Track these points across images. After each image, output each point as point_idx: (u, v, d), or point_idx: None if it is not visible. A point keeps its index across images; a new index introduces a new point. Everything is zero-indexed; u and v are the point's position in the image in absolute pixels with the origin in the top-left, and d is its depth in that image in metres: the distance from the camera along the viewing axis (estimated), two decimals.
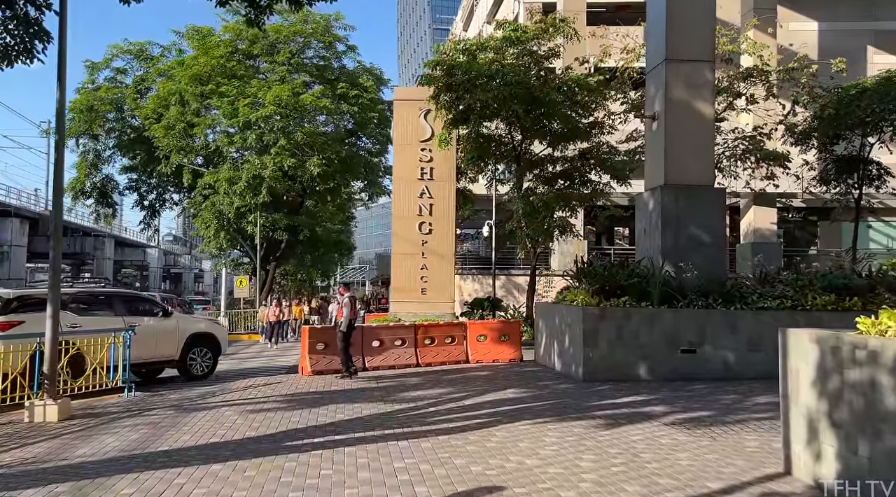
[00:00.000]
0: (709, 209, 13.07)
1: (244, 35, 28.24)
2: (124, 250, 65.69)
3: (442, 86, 17.99)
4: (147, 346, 11.94)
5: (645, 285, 12.02)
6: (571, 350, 12.07)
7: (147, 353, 11.99)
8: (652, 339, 11.46)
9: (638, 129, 21.37)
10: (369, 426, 7.83)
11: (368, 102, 29.22)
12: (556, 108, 18.09)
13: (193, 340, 12.89)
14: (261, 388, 11.16)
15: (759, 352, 11.44)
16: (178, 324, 12.88)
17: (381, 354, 13.51)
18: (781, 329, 5.95)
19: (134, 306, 12.54)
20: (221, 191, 26.09)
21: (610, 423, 7.89)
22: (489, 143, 19.99)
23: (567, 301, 13.09)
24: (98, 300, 12.21)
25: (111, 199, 31.67)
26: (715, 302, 11.77)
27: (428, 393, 10.34)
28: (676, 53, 13.21)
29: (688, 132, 13.19)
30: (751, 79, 19.56)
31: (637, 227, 14.19)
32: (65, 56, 8.80)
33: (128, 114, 30.17)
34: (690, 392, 10.11)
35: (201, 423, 8.09)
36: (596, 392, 10.22)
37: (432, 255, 20.93)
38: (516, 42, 18.90)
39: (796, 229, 32.35)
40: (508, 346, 14.65)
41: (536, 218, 18.89)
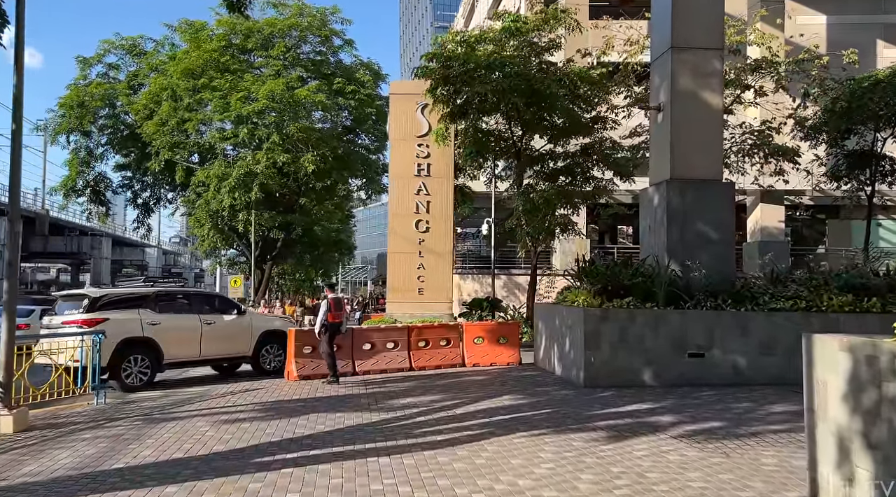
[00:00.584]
0: (717, 204, 12.39)
1: (238, 29, 27.60)
2: (123, 250, 65.21)
3: (439, 78, 17.32)
4: (223, 342, 12.88)
5: (650, 285, 11.35)
6: (572, 354, 11.41)
7: (223, 349, 12.95)
8: (657, 343, 10.80)
9: (642, 124, 20.72)
10: (350, 439, 7.18)
11: (366, 98, 28.55)
12: (557, 101, 17.44)
13: (265, 338, 13.51)
14: (241, 394, 10.51)
15: (771, 356, 10.77)
16: (252, 321, 13.53)
17: (372, 358, 12.86)
18: (805, 334, 5.27)
19: (210, 305, 13.46)
20: (212, 187, 25.43)
21: (612, 436, 7.23)
22: (488, 138, 19.34)
23: (568, 302, 12.42)
24: (176, 299, 13.14)
25: (104, 197, 31.06)
26: (724, 303, 11.09)
27: (418, 400, 9.68)
28: (683, 41, 12.53)
29: (695, 124, 12.51)
30: (760, 70, 18.85)
31: (641, 224, 13.51)
32: (22, 40, 8.16)
33: (120, 110, 29.54)
34: (699, 399, 9.44)
35: (168, 436, 7.45)
36: (598, 399, 9.55)
37: (430, 254, 20.24)
38: (516, 33, 18.23)
39: (804, 228, 31.62)
40: (506, 348, 13.98)
41: (537, 215, 18.25)
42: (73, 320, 11.29)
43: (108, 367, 10.99)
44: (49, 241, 50.53)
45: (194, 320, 12.52)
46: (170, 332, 12.05)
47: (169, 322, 12.10)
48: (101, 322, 11.09)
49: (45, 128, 29.86)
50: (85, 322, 11.07)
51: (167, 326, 12.02)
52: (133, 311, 11.86)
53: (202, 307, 13.07)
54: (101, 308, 11.50)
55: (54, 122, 29.19)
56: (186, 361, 12.79)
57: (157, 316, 12.03)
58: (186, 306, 12.89)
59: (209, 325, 12.65)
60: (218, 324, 12.79)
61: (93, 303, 11.55)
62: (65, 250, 52.50)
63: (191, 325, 12.41)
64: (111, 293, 12.50)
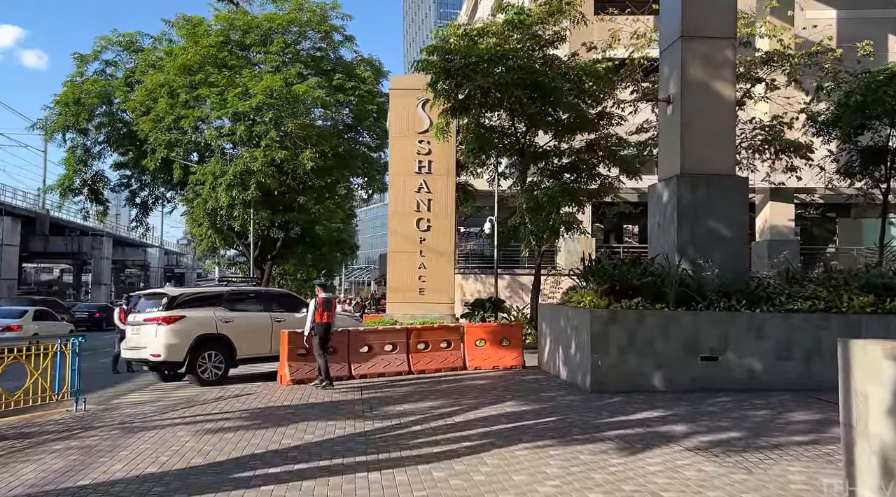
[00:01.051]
0: (730, 200, 11.83)
1: (237, 24, 27.09)
2: (125, 250, 64.78)
3: (439, 72, 16.76)
4: None
5: (659, 285, 10.80)
6: (578, 357, 10.87)
7: None
8: (668, 345, 10.24)
9: (649, 119, 20.14)
10: (339, 451, 6.66)
11: (366, 94, 28.01)
12: (561, 96, 16.89)
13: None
14: (230, 400, 10.00)
15: (788, 360, 10.21)
16: None
17: (369, 361, 12.33)
18: (842, 341, 4.73)
19: (280, 303, 13.86)
20: (208, 185, 24.91)
21: (623, 448, 6.69)
22: (491, 134, 18.76)
23: (573, 302, 11.86)
24: (249, 297, 13.57)
25: (102, 195, 30.59)
26: (738, 303, 10.52)
27: (415, 407, 9.15)
28: (694, 29, 11.97)
29: (706, 116, 11.96)
30: (771, 63, 18.24)
31: (650, 221, 12.95)
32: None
33: (117, 107, 29.05)
34: (713, 406, 8.89)
35: (144, 447, 6.94)
36: (606, 406, 9.01)
37: (431, 254, 19.74)
38: (519, 26, 17.68)
39: (814, 226, 30.98)
40: (509, 351, 13.43)
41: (541, 214, 17.68)
42: (153, 317, 12.10)
43: (185, 362, 11.95)
44: (49, 241, 50.17)
45: (265, 318, 13.08)
46: (242, 328, 12.58)
47: (241, 319, 12.69)
48: (178, 319, 11.93)
49: (42, 126, 29.29)
50: (164, 319, 11.92)
51: (239, 323, 12.58)
52: (208, 309, 12.51)
53: (272, 305, 13.59)
54: (179, 306, 12.22)
55: (51, 119, 28.70)
56: (257, 357, 13.09)
57: (230, 313, 12.62)
58: (257, 304, 13.46)
59: (279, 322, 13.03)
60: (287, 321, 13.10)
61: (171, 301, 12.29)
62: (65, 250, 52.09)
63: (261, 322, 12.93)
64: (187, 292, 13.17)
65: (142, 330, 12.30)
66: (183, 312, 12.09)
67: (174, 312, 12.03)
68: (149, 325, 12.08)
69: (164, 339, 11.84)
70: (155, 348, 11.93)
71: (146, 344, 12.16)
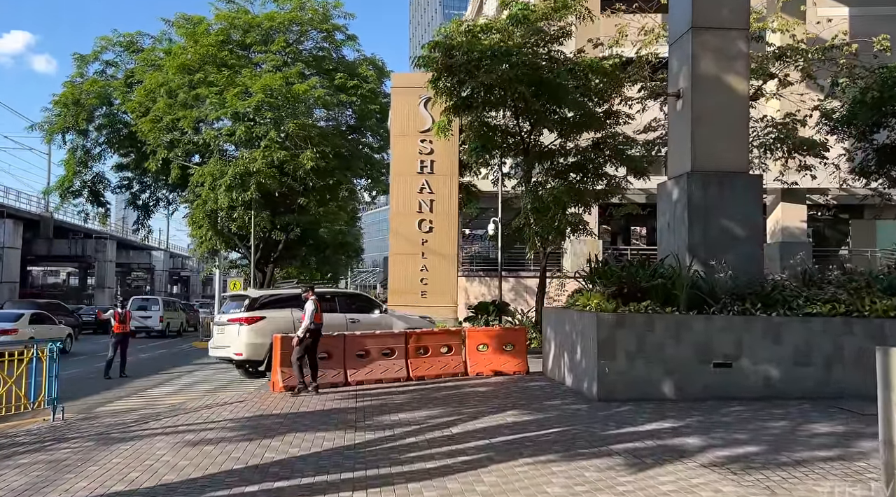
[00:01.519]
0: (743, 199, 11.29)
1: (237, 24, 26.70)
2: (129, 253, 64.51)
3: (441, 68, 16.28)
4: None
5: (670, 287, 10.25)
6: (584, 363, 10.34)
7: None
8: (679, 351, 9.70)
9: (657, 117, 19.62)
10: (324, 467, 6.16)
11: (369, 93, 27.56)
12: (566, 93, 16.39)
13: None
14: (217, 408, 9.52)
15: (807, 366, 9.65)
16: (394, 320, 14.25)
17: (366, 367, 11.84)
18: (882, 349, 4.20)
19: (354, 304, 14.37)
20: (207, 186, 24.49)
21: (632, 464, 6.17)
22: (494, 132, 18.26)
23: (579, 306, 11.32)
24: (324, 299, 13.23)
25: (103, 198, 30.27)
26: (753, 307, 9.96)
27: (411, 416, 8.65)
28: (705, 20, 11.45)
29: (718, 111, 11.44)
30: (784, 59, 17.67)
31: (659, 220, 12.41)
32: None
33: (117, 108, 28.69)
34: (728, 417, 8.34)
35: (117, 461, 6.46)
36: (613, 416, 8.48)
37: (433, 255, 19.28)
38: (523, 21, 17.17)
39: (826, 228, 30.33)
40: (513, 356, 12.91)
41: (546, 214, 17.15)
42: (236, 318, 12.89)
43: (265, 360, 12.59)
44: (53, 244, 49.92)
45: (340, 318, 13.39)
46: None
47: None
48: (259, 320, 12.66)
49: (41, 127, 28.94)
50: (245, 320, 12.69)
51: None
52: (286, 310, 12.98)
53: (347, 306, 14.08)
54: (259, 307, 12.98)
55: (50, 120, 28.37)
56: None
57: None
58: (333, 305, 13.63)
59: (354, 323, 13.50)
60: (361, 321, 13.66)
61: (252, 302, 13.08)
62: (69, 253, 51.83)
63: (337, 322, 13.10)
64: (267, 294, 13.90)
65: (226, 330, 13.16)
66: (263, 313, 12.79)
67: (255, 313, 12.75)
68: (232, 326, 12.92)
69: (245, 338, 12.65)
70: (237, 347, 12.81)
71: (229, 343, 13.00)
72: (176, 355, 22.01)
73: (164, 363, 18.70)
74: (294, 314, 12.66)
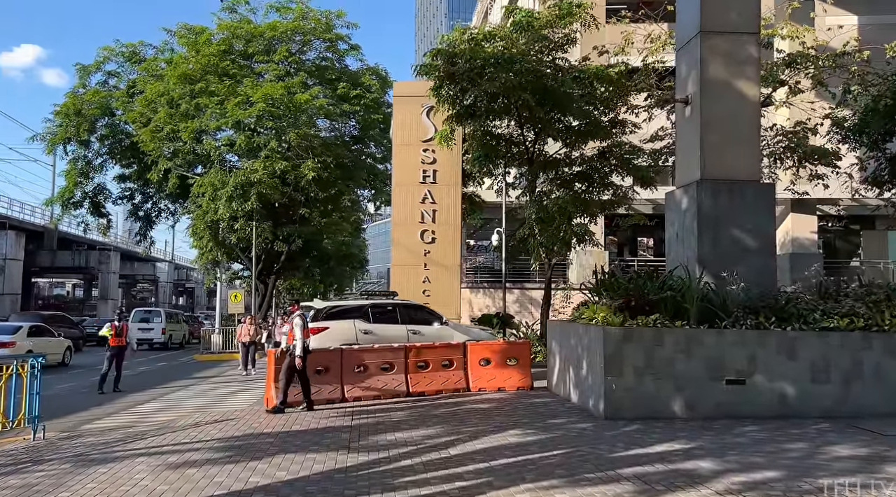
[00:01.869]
0: (755, 208, 10.90)
1: (239, 33, 26.52)
2: (134, 264, 64.34)
3: (443, 76, 15.96)
4: None
5: (679, 300, 9.83)
6: (590, 379, 9.91)
7: None
8: (689, 367, 9.27)
9: (664, 126, 19.24)
10: (312, 493, 5.76)
11: (372, 103, 27.29)
12: (571, 101, 16.06)
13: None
14: (206, 427, 9.12)
15: (825, 383, 9.20)
16: (454, 332, 14.19)
17: (363, 382, 11.43)
18: None
19: (415, 316, 14.35)
20: (207, 196, 24.21)
21: (642, 490, 5.74)
22: (498, 142, 17.91)
23: (585, 319, 10.90)
24: (386, 310, 14.10)
25: (104, 208, 30.03)
26: (767, 320, 9.53)
27: (408, 436, 8.23)
28: (713, 24, 11.12)
29: (728, 117, 11.07)
30: (794, 65, 17.29)
31: (668, 231, 12.00)
32: None
33: (119, 119, 28.52)
34: (742, 437, 7.90)
35: (92, 486, 6.07)
36: (621, 436, 8.04)
37: (436, 267, 18.88)
38: (528, 28, 16.87)
39: (836, 239, 29.79)
40: (516, 371, 12.48)
41: (551, 225, 16.76)
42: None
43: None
44: (57, 255, 49.79)
45: (401, 330, 13.64)
46: (380, 339, 13.04)
47: (379, 330, 13.39)
48: (323, 330, 12.82)
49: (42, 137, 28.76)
50: (312, 330, 12.31)
51: (377, 334, 13.28)
52: (349, 321, 13.38)
53: (408, 317, 14.14)
54: (325, 318, 13.24)
55: (51, 131, 28.21)
56: None
57: (369, 325, 13.46)
58: (394, 316, 14.01)
59: (415, 334, 13.68)
60: (422, 333, 13.75)
61: (317, 313, 13.31)
62: (72, 265, 51.68)
63: (398, 333, 13.42)
64: (332, 305, 14.16)
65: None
66: (327, 324, 13.02)
67: (319, 324, 12.90)
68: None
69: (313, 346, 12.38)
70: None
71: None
72: (175, 368, 21.66)
73: (161, 377, 18.34)
74: (356, 325, 13.30)
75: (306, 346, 10.17)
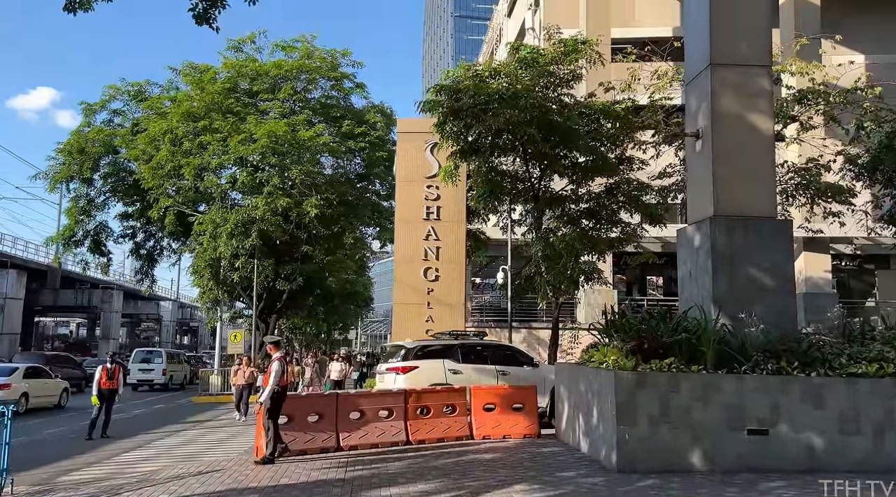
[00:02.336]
0: (772, 246, 10.40)
1: (245, 71, 26.55)
2: (137, 303, 63.91)
3: (447, 112, 15.68)
4: None
5: (695, 342, 9.25)
6: (601, 428, 9.28)
7: None
8: (708, 416, 8.65)
9: (672, 163, 18.86)
10: None
11: (377, 141, 27.14)
12: (578, 138, 15.74)
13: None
14: (189, 479, 8.50)
15: (855, 434, 8.55)
16: (546, 374, 13.63)
17: (360, 429, 10.79)
18: None
19: (505, 357, 14.08)
20: (208, 234, 23.85)
21: None
22: (503, 178, 17.55)
23: (594, 362, 10.31)
24: (476, 350, 13.96)
25: (104, 247, 29.74)
26: (790, 365, 8.92)
27: (405, 491, 7.60)
28: (723, 56, 10.80)
29: (741, 151, 10.68)
30: (805, 101, 16.96)
31: (680, 269, 11.48)
32: None
33: (123, 157, 28.44)
34: (769, 494, 7.25)
35: None
36: (635, 493, 7.40)
37: (439, 305, 18.34)
38: (532, 64, 16.65)
39: (850, 279, 29.12)
40: (523, 417, 11.84)
41: (558, 262, 16.25)
42: (393, 367, 13.26)
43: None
44: (59, 294, 49.50)
45: (490, 370, 13.42)
46: (469, 380, 12.80)
47: (468, 371, 13.16)
48: (412, 369, 12.89)
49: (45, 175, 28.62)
50: (401, 369, 12.97)
51: (466, 375, 13.04)
52: (439, 361, 13.24)
53: (498, 358, 13.86)
54: (414, 357, 13.21)
55: (54, 169, 28.13)
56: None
57: (458, 365, 13.24)
58: (484, 357, 13.78)
59: (504, 375, 13.38)
60: (512, 374, 13.42)
61: (407, 353, 13.35)
62: (75, 303, 51.35)
63: (486, 374, 13.30)
64: (422, 344, 14.03)
65: (384, 378, 13.48)
66: (417, 363, 13.01)
67: (409, 363, 13.01)
68: (389, 375, 13.23)
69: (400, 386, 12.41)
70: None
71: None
72: (171, 411, 21.03)
73: (154, 421, 17.71)
74: (445, 365, 13.18)
75: (276, 392, 9.58)
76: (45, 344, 66.85)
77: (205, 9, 9.14)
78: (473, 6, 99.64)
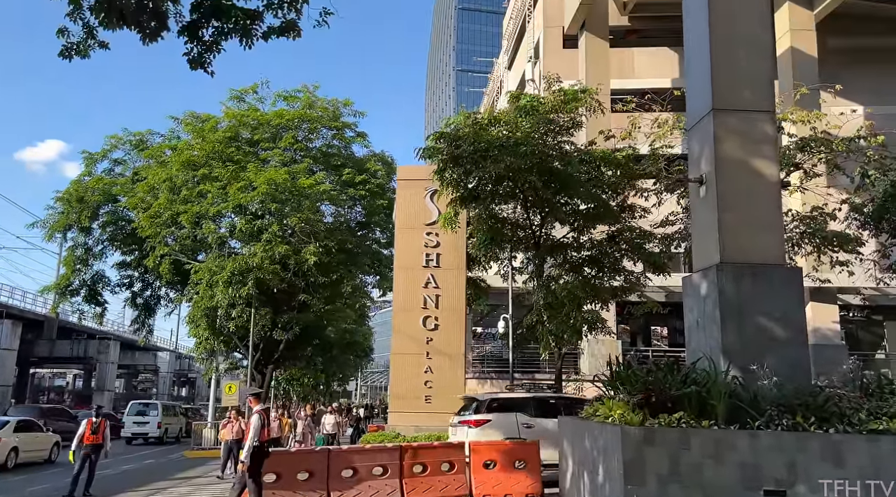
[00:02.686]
0: (782, 295, 10.00)
1: (246, 120, 26.71)
2: (135, 354, 63.00)
3: (446, 158, 15.60)
4: None
5: (705, 396, 8.77)
6: (607, 487, 8.73)
7: None
8: (721, 475, 8.10)
9: (674, 211, 18.65)
10: None
11: (377, 189, 27.11)
12: (578, 184, 15.61)
13: None
14: None
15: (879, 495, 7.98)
16: None
17: (353, 488, 10.26)
18: None
19: (575, 410, 13.49)
20: (204, 282, 23.54)
21: None
22: (503, 225, 17.34)
23: (600, 416, 9.80)
24: (548, 404, 14.10)
25: (100, 297, 29.40)
26: (806, 420, 8.43)
27: None
28: (726, 102, 10.62)
29: (746, 198, 10.39)
30: (808, 149, 16.84)
31: (687, 318, 11.07)
32: None
33: (121, 205, 28.39)
34: None
35: None
36: None
37: (439, 356, 17.88)
38: (532, 112, 16.65)
39: (859, 330, 28.58)
40: (524, 475, 11.32)
41: (560, 311, 15.88)
42: (466, 420, 13.48)
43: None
44: (55, 345, 48.86)
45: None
46: (541, 434, 12.73)
47: (541, 425, 13.14)
48: (485, 423, 13.13)
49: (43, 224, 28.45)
50: (473, 422, 13.25)
51: (539, 429, 13.03)
52: (512, 414, 13.42)
53: (570, 411, 13.47)
54: (488, 410, 13.46)
55: (52, 218, 28.04)
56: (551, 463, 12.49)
57: (532, 419, 13.39)
58: (557, 410, 13.47)
59: None
60: None
61: (480, 406, 13.66)
62: (70, 354, 50.55)
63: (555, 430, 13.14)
64: (495, 397, 14.35)
65: (457, 431, 13.57)
66: (489, 416, 13.18)
67: (482, 416, 13.18)
68: (462, 428, 13.36)
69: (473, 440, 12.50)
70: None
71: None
72: (161, 467, 20.31)
73: (142, 477, 17.03)
74: (518, 418, 13.28)
75: (256, 448, 9.08)
76: (41, 396, 65.70)
77: (199, 53, 9.02)
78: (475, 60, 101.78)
